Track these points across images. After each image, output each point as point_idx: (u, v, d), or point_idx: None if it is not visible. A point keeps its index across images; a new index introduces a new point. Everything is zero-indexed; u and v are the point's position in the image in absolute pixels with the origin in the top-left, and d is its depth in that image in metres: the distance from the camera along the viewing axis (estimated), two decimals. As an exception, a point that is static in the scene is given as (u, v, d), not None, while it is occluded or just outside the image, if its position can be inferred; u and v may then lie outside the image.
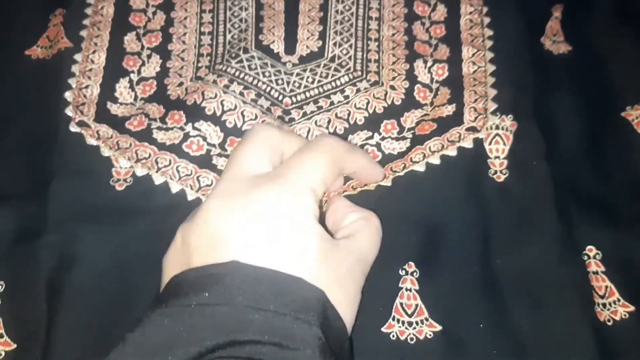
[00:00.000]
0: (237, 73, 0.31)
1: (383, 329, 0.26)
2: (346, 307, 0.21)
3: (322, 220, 0.23)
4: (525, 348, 0.26)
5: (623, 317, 0.27)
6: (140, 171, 0.29)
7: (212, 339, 0.19)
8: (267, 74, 0.31)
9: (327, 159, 0.23)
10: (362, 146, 0.30)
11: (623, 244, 0.28)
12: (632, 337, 0.26)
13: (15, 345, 0.25)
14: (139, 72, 0.31)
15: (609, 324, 0.26)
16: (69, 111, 0.29)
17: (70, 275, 0.26)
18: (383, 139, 0.30)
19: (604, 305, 0.27)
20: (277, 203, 0.21)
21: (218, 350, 0.19)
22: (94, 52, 0.31)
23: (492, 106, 0.30)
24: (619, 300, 0.27)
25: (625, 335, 0.26)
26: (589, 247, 0.28)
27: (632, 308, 0.27)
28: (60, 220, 0.26)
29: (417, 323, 0.26)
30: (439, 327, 0.26)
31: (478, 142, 0.30)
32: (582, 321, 0.26)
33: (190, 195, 0.28)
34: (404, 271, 0.27)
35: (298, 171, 0.22)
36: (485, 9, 0.34)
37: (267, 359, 0.18)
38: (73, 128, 0.29)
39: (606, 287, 0.27)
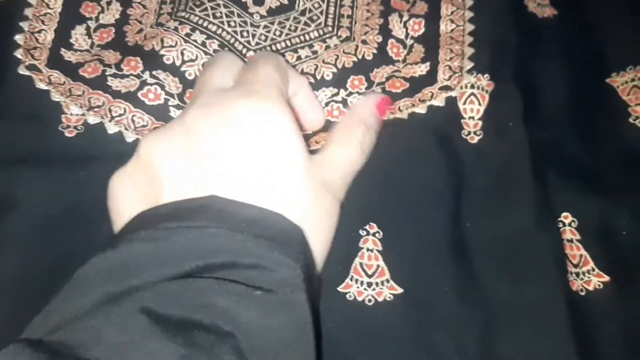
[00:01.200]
0: (200, 21, 0.29)
1: (339, 289, 0.24)
2: (322, 236, 0.21)
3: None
4: (494, 314, 0.24)
5: (597, 287, 0.25)
6: (93, 119, 0.27)
7: (189, 261, 0.18)
8: (232, 23, 0.29)
9: (274, 63, 0.23)
10: (327, 103, 0.28)
11: (601, 213, 0.27)
12: (605, 308, 0.24)
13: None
14: (97, 19, 0.30)
15: (582, 293, 0.25)
16: (18, 54, 0.28)
17: (7, 221, 0.24)
18: (350, 94, 0.28)
19: (577, 274, 0.25)
20: (255, 120, 0.21)
21: (194, 274, 0.18)
22: None
23: (468, 65, 0.29)
24: (593, 269, 0.25)
25: (599, 306, 0.24)
26: (564, 214, 0.26)
27: (607, 278, 0.25)
28: (1, 162, 0.25)
29: (377, 284, 0.24)
30: (400, 290, 0.24)
31: (451, 101, 0.28)
32: (555, 290, 0.24)
33: (144, 146, 0.27)
34: (364, 231, 0.25)
35: (259, 79, 0.22)
36: (467, -32, 0.32)
37: (245, 281, 0.17)
38: (22, 71, 0.27)
39: (581, 255, 0.25)
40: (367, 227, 0.25)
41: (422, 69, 0.29)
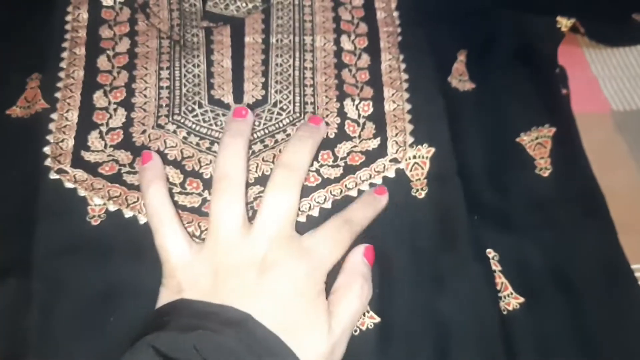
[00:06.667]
0: (193, 126, 0.36)
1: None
2: None
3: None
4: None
5: (515, 307, 0.33)
6: (112, 207, 0.33)
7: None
8: (219, 123, 0.37)
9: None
10: None
11: (516, 247, 0.35)
12: (522, 324, 0.32)
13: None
14: (107, 124, 0.36)
15: (504, 312, 0.33)
16: (48, 163, 0.34)
17: (60, 303, 0.30)
18: (321, 165, 0.36)
19: (500, 297, 0.33)
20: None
21: None
22: (67, 110, 0.36)
23: (410, 139, 0.37)
24: (512, 293, 0.33)
25: (517, 322, 0.32)
26: (488, 250, 0.34)
27: (522, 300, 0.33)
28: (46, 255, 0.31)
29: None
30: (377, 319, 0.31)
31: (400, 172, 0.36)
32: (489, 307, 0.32)
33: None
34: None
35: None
36: (401, 56, 0.40)
37: None
38: (52, 176, 0.34)
39: (502, 283, 0.33)
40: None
41: (375, 143, 0.37)
